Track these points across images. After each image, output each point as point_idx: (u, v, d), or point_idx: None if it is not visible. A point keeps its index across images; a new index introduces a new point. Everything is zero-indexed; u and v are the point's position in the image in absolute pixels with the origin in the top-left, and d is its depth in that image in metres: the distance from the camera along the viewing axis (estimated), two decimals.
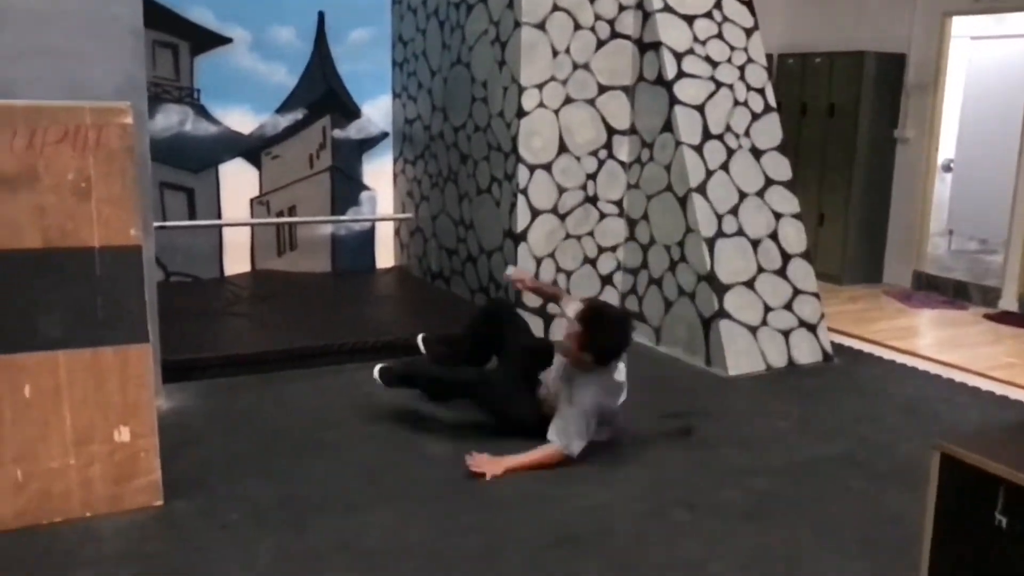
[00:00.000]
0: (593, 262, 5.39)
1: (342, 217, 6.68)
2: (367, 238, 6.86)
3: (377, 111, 6.73)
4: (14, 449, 3.06)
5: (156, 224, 5.43)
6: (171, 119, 6.07)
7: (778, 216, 5.12)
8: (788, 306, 5.01)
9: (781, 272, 5.05)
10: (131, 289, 3.24)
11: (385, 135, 6.79)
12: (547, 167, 5.19)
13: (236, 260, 6.47)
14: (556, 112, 5.15)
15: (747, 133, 5.16)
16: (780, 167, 5.21)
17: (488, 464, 3.45)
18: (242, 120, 6.32)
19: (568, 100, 5.16)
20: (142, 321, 3.26)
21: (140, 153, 3.58)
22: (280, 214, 6.57)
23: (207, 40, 6.12)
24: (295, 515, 3.14)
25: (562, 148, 5.20)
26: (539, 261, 5.24)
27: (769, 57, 5.93)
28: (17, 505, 3.05)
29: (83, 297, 3.15)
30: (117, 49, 3.76)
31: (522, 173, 5.13)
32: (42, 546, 2.93)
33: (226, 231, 6.41)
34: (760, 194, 5.11)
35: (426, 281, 6.43)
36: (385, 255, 6.93)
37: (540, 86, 5.09)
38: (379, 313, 5.62)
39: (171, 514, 3.15)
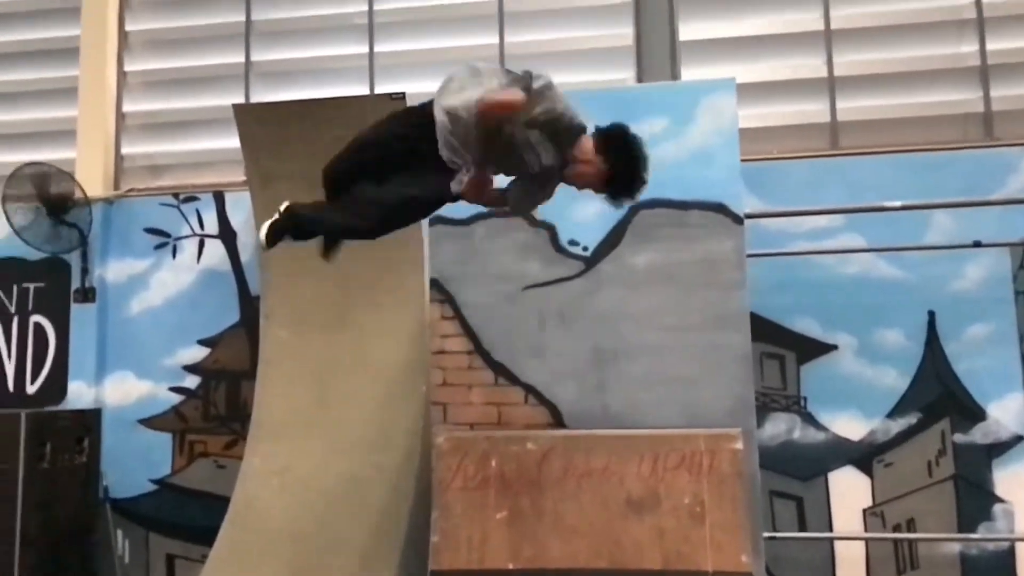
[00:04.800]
0: None
1: (972, 535, 5.85)
2: (1006, 560, 5.84)
3: (1006, 412, 5.96)
4: None
5: (767, 535, 5.42)
6: (779, 427, 6.17)
7: None
8: None
9: None
10: None
11: (1019, 439, 5.93)
12: None
13: None
14: None
15: None
16: None
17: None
18: (851, 426, 6.13)
19: None
20: None
21: (750, 474, 3.66)
22: (897, 528, 6.02)
23: (812, 349, 6.22)
24: None
25: None
26: None
27: None
28: None
29: None
30: (728, 374, 4.02)
31: None
32: None
33: (838, 544, 6.06)
34: None
35: None
36: None
37: None
38: None
39: None
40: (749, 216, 4.22)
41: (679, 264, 4.29)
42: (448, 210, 4.39)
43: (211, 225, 7.30)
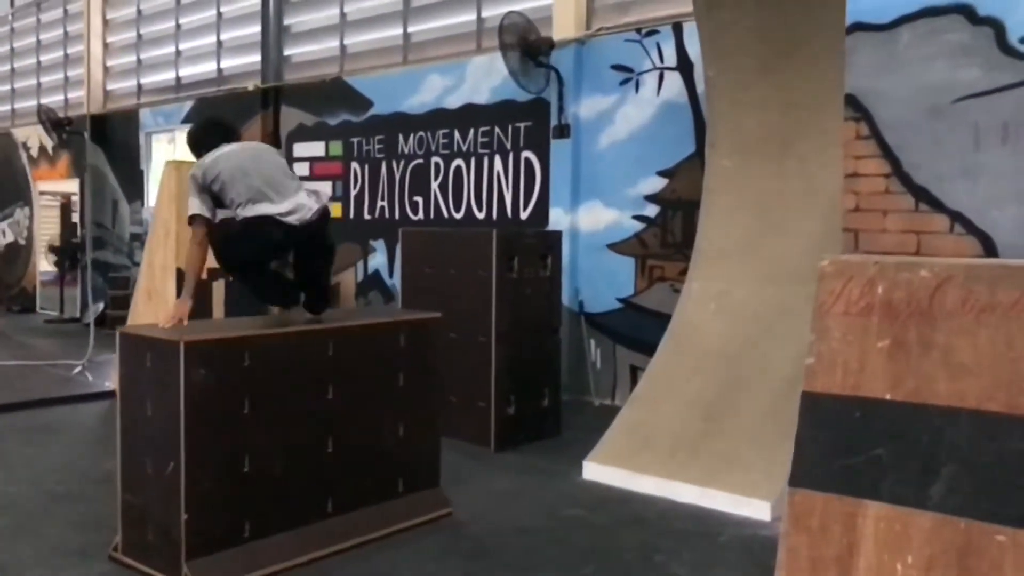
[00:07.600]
0: None
1: None
2: None
3: None
4: None
5: None
6: None
7: None
8: None
9: None
10: None
11: None
12: None
13: None
14: None
15: None
16: None
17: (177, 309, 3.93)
18: None
19: None
20: None
21: None
22: None
23: None
24: None
25: None
26: None
27: None
28: None
29: None
30: None
31: None
32: None
33: None
34: None
35: None
36: None
37: None
38: None
39: None
40: None
41: None
42: (868, 12, 3.95)
43: (670, 58, 7.47)
